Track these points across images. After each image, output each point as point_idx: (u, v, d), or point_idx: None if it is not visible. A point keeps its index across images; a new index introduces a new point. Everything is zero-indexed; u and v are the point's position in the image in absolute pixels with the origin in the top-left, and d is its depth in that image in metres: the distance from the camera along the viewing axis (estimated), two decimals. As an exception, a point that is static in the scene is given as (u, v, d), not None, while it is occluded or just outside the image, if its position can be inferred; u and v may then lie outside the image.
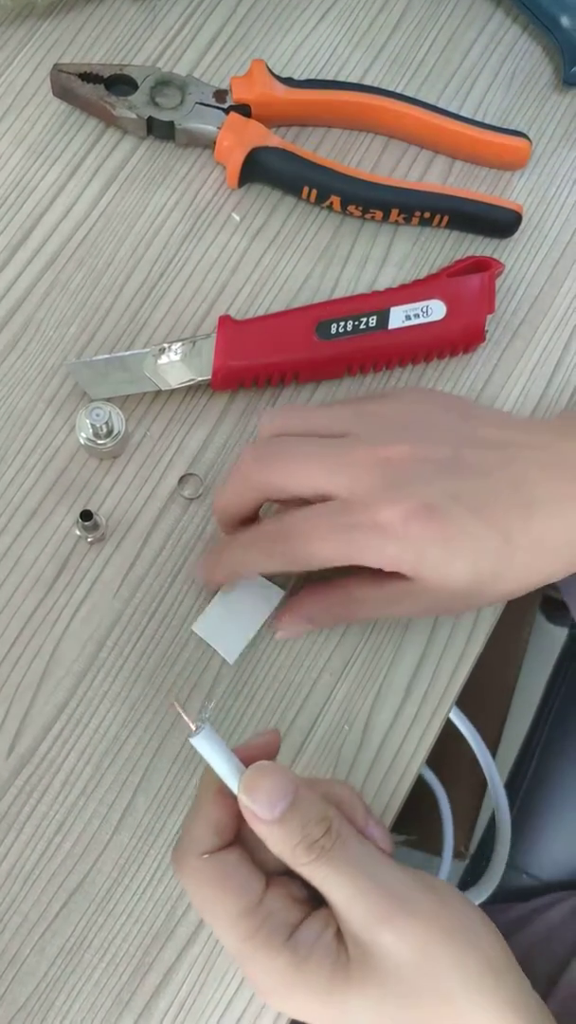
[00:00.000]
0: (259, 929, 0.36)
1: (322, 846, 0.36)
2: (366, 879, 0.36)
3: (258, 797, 0.37)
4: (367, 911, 0.36)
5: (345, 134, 0.58)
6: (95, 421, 0.48)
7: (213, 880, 0.37)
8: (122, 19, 0.59)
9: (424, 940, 0.36)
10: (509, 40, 0.61)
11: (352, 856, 0.37)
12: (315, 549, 0.42)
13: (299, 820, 0.37)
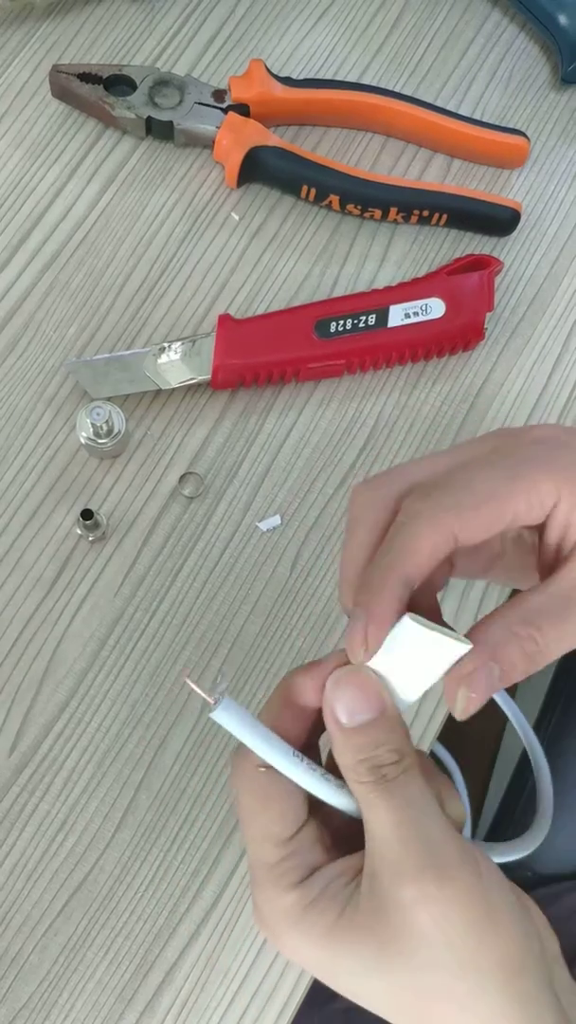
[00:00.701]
0: (281, 862, 0.34)
1: (384, 774, 0.33)
2: (412, 827, 0.33)
3: (342, 697, 0.34)
4: (400, 860, 0.33)
5: (344, 133, 0.58)
6: (95, 420, 0.48)
7: (258, 794, 0.35)
8: (121, 19, 0.59)
9: (443, 912, 0.33)
10: (507, 39, 0.61)
11: (410, 798, 0.34)
12: (482, 485, 0.35)
13: (374, 739, 0.34)
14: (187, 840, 0.47)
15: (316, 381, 0.53)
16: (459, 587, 0.51)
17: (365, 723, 0.34)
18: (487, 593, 0.51)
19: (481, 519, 0.35)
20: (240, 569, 0.50)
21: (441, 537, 0.35)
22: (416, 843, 0.33)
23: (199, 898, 0.46)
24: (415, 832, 0.33)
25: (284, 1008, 0.45)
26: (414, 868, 0.33)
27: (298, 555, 0.51)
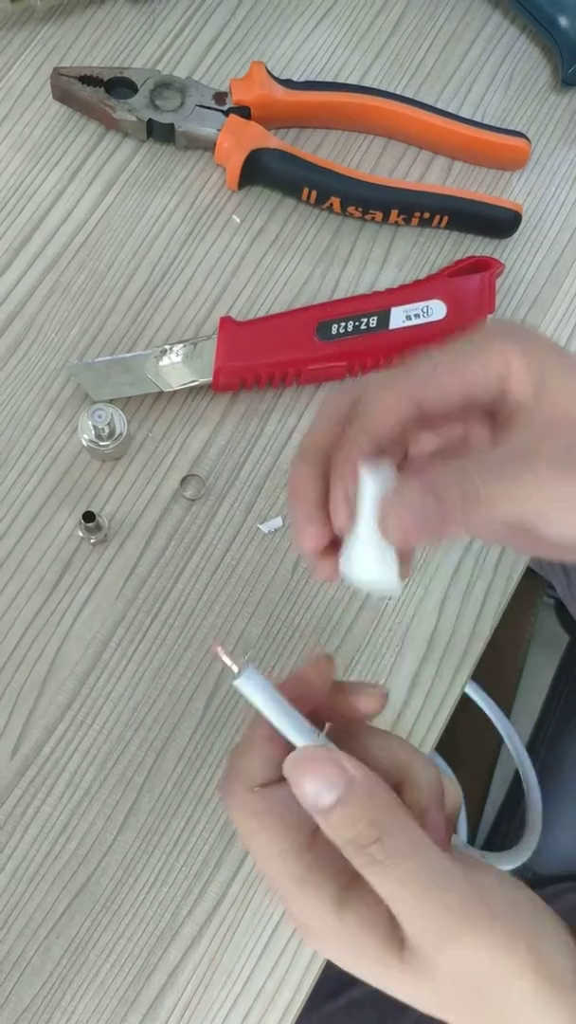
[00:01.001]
0: (307, 873, 0.33)
1: (371, 855, 0.32)
2: (425, 897, 0.32)
3: (301, 782, 0.33)
4: (427, 929, 0.32)
5: (345, 135, 0.58)
6: (97, 423, 0.48)
7: (261, 814, 0.34)
8: (121, 22, 0.59)
9: (488, 956, 0.32)
10: (507, 41, 0.61)
11: (409, 870, 0.32)
12: (425, 361, 0.36)
13: (346, 818, 0.33)
14: (189, 842, 0.47)
15: (317, 383, 0.53)
16: (461, 588, 0.51)
17: (333, 804, 0.33)
18: (491, 588, 0.51)
19: (439, 383, 0.36)
20: (242, 571, 0.50)
21: (402, 399, 0.36)
22: (437, 911, 0.32)
23: (201, 900, 0.46)
24: (431, 902, 0.32)
25: (287, 1010, 0.45)
26: (447, 932, 0.32)
27: (299, 558, 0.51)
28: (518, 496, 0.34)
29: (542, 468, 0.34)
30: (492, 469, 0.34)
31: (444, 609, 0.51)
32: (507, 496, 0.34)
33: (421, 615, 0.51)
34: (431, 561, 0.51)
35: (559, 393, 0.36)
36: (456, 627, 0.51)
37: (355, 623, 0.50)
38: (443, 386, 0.36)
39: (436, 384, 0.36)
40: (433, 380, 0.36)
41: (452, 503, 0.34)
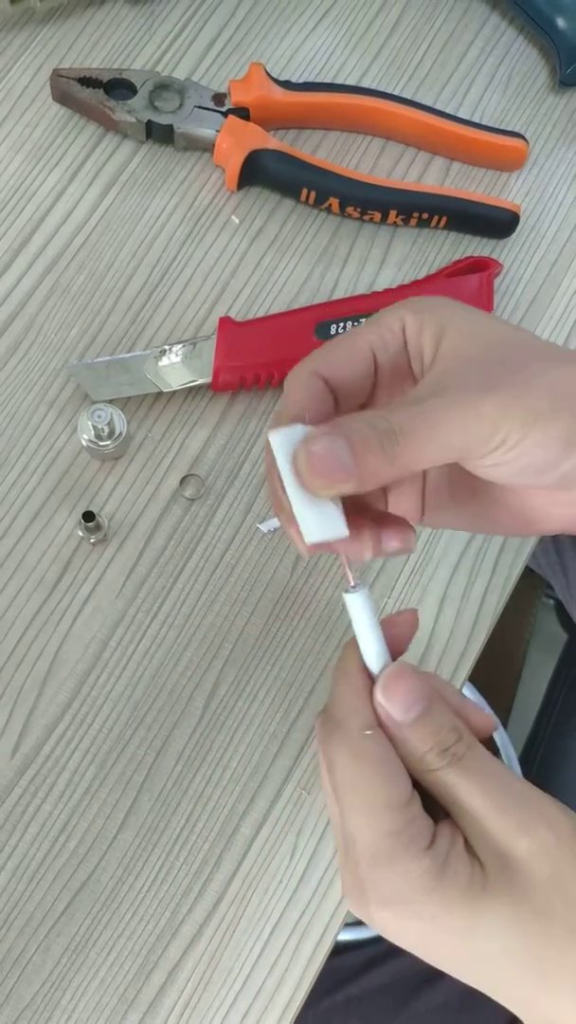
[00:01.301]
0: (406, 827, 0.35)
1: (454, 753, 0.35)
2: (500, 788, 0.35)
3: (394, 698, 0.35)
4: (504, 819, 0.34)
5: (343, 136, 0.58)
6: (97, 423, 0.48)
7: (372, 760, 0.35)
8: (120, 24, 0.59)
9: (560, 851, 0.34)
10: (505, 42, 0.62)
11: (484, 764, 0.35)
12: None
13: (433, 725, 0.35)
14: (189, 841, 0.47)
15: (316, 383, 0.53)
16: (460, 588, 0.51)
17: (421, 714, 0.35)
18: (489, 587, 0.52)
19: (336, 352, 0.38)
20: (241, 570, 0.50)
21: (306, 376, 0.37)
22: (510, 801, 0.35)
23: (201, 898, 0.46)
24: (505, 792, 0.35)
25: (287, 1008, 0.45)
26: (521, 822, 0.34)
27: (299, 556, 0.51)
28: (437, 424, 0.34)
29: (452, 394, 0.34)
30: (405, 408, 0.35)
31: (443, 609, 0.51)
32: (426, 426, 0.34)
33: (420, 615, 0.51)
34: (430, 561, 0.52)
35: (459, 335, 0.36)
36: (455, 627, 0.51)
37: (354, 622, 0.50)
38: (341, 355, 0.38)
39: (334, 354, 0.38)
40: (332, 351, 0.38)
41: (367, 442, 0.34)
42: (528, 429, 0.34)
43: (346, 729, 0.36)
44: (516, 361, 0.36)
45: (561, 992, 0.34)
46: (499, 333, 0.37)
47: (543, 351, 0.37)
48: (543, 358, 0.36)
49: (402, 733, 0.35)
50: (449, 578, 0.51)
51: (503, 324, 0.38)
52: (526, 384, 0.35)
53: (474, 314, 0.38)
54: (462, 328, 0.37)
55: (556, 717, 0.86)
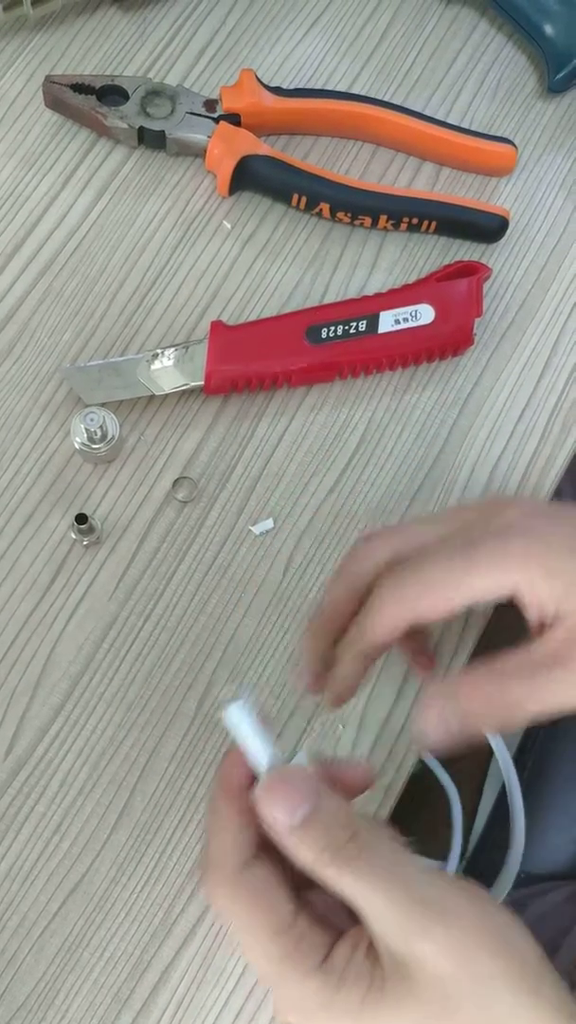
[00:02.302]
0: (294, 950, 0.34)
1: (348, 854, 0.34)
2: (398, 888, 0.34)
3: (276, 805, 0.35)
4: (402, 923, 0.33)
5: (334, 142, 0.59)
6: (89, 426, 0.49)
7: (245, 898, 0.35)
8: (113, 31, 0.60)
9: (462, 949, 0.33)
10: (494, 49, 0.62)
11: (381, 864, 0.34)
12: (435, 573, 0.39)
13: (322, 826, 0.34)
14: (182, 841, 0.47)
15: (308, 386, 0.54)
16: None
17: (308, 815, 0.34)
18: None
19: (436, 600, 0.39)
20: (233, 573, 0.51)
21: (404, 614, 0.40)
22: (409, 902, 0.33)
23: (194, 898, 0.46)
24: (403, 893, 0.34)
25: (279, 1007, 0.45)
26: (419, 925, 0.33)
27: (291, 558, 0.51)
28: (550, 699, 0.38)
29: (572, 668, 0.38)
30: (516, 673, 0.38)
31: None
32: (532, 698, 0.38)
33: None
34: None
35: (570, 630, 0.38)
36: (446, 627, 0.51)
37: (346, 623, 0.51)
38: (447, 601, 0.39)
39: (440, 600, 0.39)
40: (437, 596, 0.39)
41: (477, 712, 0.38)
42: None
43: (217, 872, 0.36)
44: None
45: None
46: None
47: None
48: None
49: (290, 840, 0.34)
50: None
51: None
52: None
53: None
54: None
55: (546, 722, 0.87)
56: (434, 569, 0.39)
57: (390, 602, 0.40)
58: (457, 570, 0.39)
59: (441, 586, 0.39)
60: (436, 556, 0.40)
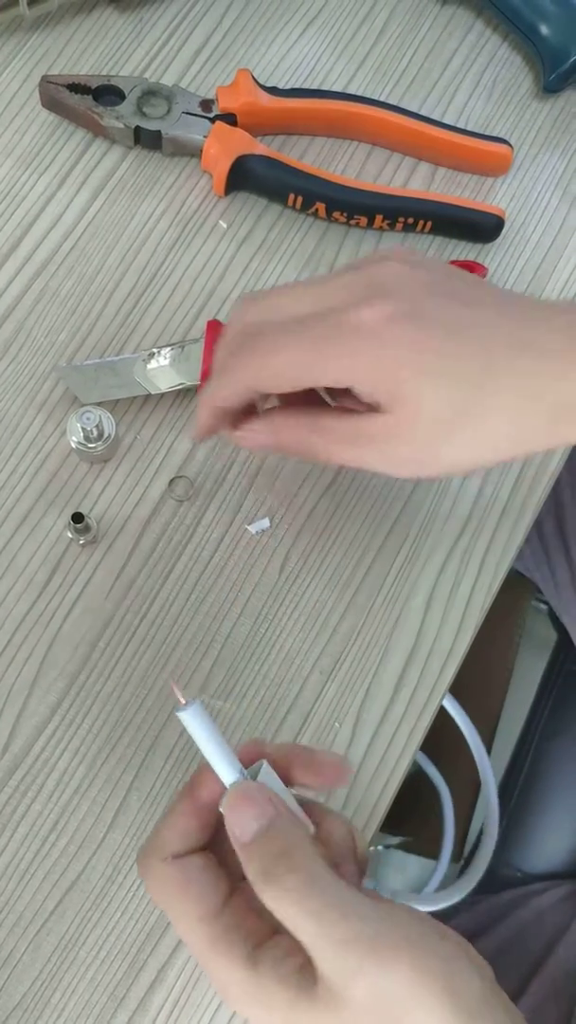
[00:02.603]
0: (219, 938, 0.35)
1: (283, 884, 0.34)
2: (336, 924, 0.33)
3: (235, 816, 0.36)
4: (335, 958, 0.33)
5: (329, 142, 0.59)
6: (86, 425, 0.49)
7: (173, 883, 0.37)
8: (109, 31, 0.60)
9: (395, 990, 0.33)
10: (490, 49, 0.62)
11: (320, 899, 0.34)
12: (282, 360, 0.41)
13: (266, 849, 0.35)
14: (178, 839, 0.47)
15: (304, 386, 0.54)
16: (447, 587, 0.52)
17: (257, 834, 0.35)
18: (476, 585, 0.52)
19: (280, 383, 0.41)
20: (229, 571, 0.51)
21: (242, 391, 0.42)
22: (344, 939, 0.33)
23: (190, 897, 0.46)
24: (339, 929, 0.33)
25: (275, 1005, 0.45)
26: (354, 963, 0.33)
27: (287, 557, 0.51)
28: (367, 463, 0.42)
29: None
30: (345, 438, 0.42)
31: (430, 607, 0.52)
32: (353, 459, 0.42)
33: (407, 614, 0.51)
34: (416, 561, 0.52)
35: (413, 402, 0.40)
36: (442, 625, 0.51)
37: (342, 623, 0.51)
38: (291, 383, 0.41)
39: (283, 383, 0.41)
40: (281, 381, 0.41)
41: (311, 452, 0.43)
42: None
43: (150, 859, 0.38)
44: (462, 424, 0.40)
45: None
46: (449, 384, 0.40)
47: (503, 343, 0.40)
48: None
49: (243, 852, 0.36)
50: (436, 577, 0.52)
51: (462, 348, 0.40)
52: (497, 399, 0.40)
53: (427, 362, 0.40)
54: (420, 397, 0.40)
55: (546, 721, 0.87)
56: (283, 356, 0.41)
57: (237, 377, 0.42)
58: (304, 364, 0.40)
59: (286, 374, 0.41)
60: (287, 342, 0.41)
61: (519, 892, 0.72)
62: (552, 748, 0.85)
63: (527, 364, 0.40)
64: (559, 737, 0.85)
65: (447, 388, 0.39)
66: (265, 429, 0.44)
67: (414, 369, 0.39)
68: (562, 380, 0.39)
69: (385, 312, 0.39)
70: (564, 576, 0.78)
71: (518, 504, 0.53)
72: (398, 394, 0.39)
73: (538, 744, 0.86)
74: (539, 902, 0.70)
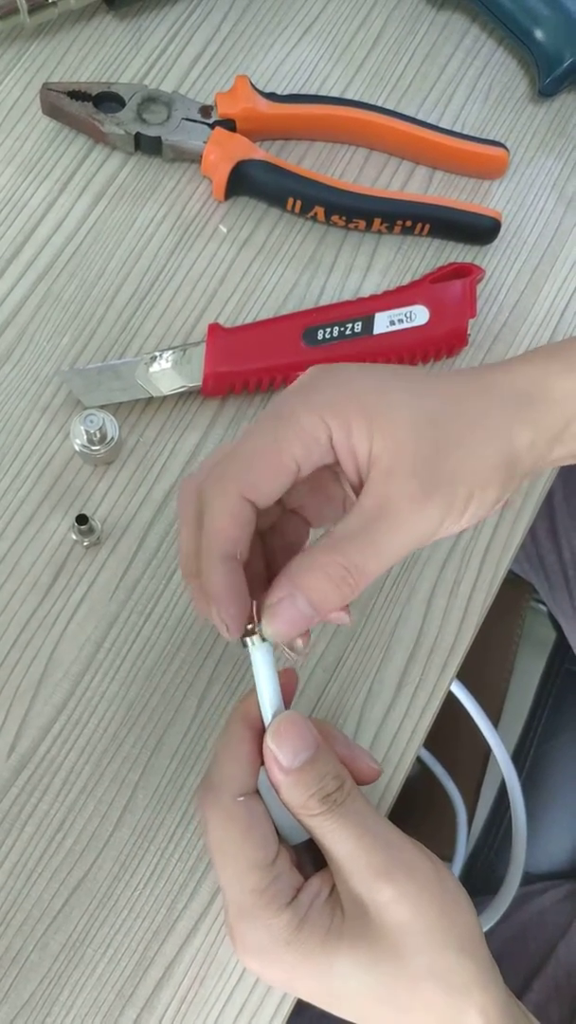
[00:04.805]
0: (269, 886, 0.37)
1: (334, 799, 0.37)
2: (370, 835, 0.37)
3: (283, 744, 0.38)
4: (369, 864, 0.37)
5: (328, 147, 0.60)
6: (89, 428, 0.49)
7: (241, 824, 0.38)
8: (108, 39, 0.61)
9: (418, 901, 0.37)
10: (486, 53, 0.63)
11: (359, 812, 0.38)
12: (253, 440, 0.38)
13: (317, 772, 0.38)
14: (184, 838, 0.47)
15: (304, 387, 0.54)
16: (448, 586, 0.52)
17: (306, 761, 0.38)
18: (477, 585, 0.53)
19: (261, 475, 0.37)
20: (233, 572, 0.51)
21: (234, 507, 0.37)
22: (378, 848, 0.37)
23: (196, 894, 0.47)
24: (374, 840, 0.37)
25: (282, 1001, 0.46)
26: (384, 869, 0.37)
27: (289, 557, 0.52)
28: (387, 550, 0.37)
29: (395, 510, 0.37)
30: (351, 539, 0.37)
31: (431, 606, 0.52)
32: (374, 558, 0.37)
33: (408, 613, 0.52)
34: (417, 560, 0.52)
35: (388, 430, 0.38)
36: (443, 624, 0.52)
37: (344, 621, 0.51)
38: (268, 478, 0.38)
39: (258, 473, 0.37)
40: (254, 468, 0.37)
41: (325, 592, 0.37)
42: (461, 520, 0.38)
43: (220, 795, 0.39)
44: (444, 453, 0.38)
45: (416, 1020, 0.38)
46: (423, 411, 0.38)
47: (469, 418, 0.39)
48: (468, 441, 0.39)
49: (288, 778, 0.38)
50: (437, 576, 0.52)
51: (423, 391, 0.39)
52: (459, 483, 0.38)
53: (393, 393, 0.39)
54: (389, 421, 0.38)
55: (545, 721, 0.87)
56: (247, 444, 0.38)
57: (218, 490, 0.38)
58: (269, 435, 0.38)
59: (260, 457, 0.38)
60: (248, 435, 0.39)
61: (519, 892, 0.73)
62: (552, 748, 0.85)
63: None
64: (559, 737, 0.85)
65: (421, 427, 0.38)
66: (286, 590, 0.37)
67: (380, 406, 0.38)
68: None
69: (324, 367, 0.40)
70: (558, 579, 0.78)
71: (517, 502, 0.54)
72: (366, 431, 0.38)
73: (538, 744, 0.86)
74: (540, 901, 0.71)
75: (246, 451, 0.38)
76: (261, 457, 0.38)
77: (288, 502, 0.42)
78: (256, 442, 0.38)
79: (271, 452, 0.37)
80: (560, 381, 0.40)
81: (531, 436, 0.40)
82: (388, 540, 0.37)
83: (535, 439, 0.40)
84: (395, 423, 0.37)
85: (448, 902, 0.38)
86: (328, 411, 0.37)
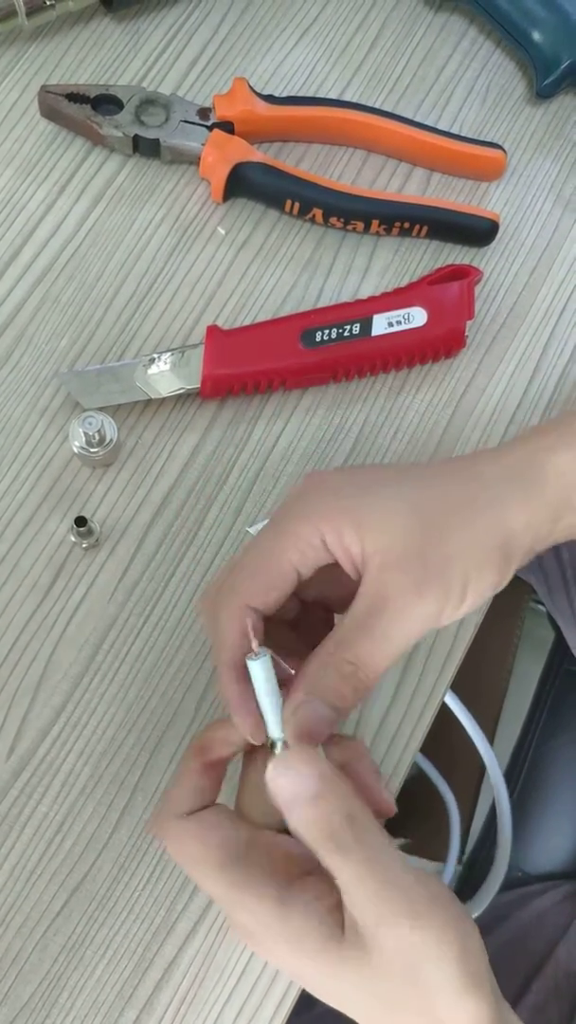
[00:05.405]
0: (242, 881, 0.37)
1: (342, 841, 0.36)
2: (379, 881, 0.35)
3: (284, 782, 0.36)
4: (377, 911, 0.35)
5: (326, 149, 0.60)
6: (88, 430, 0.49)
7: (191, 836, 0.38)
8: (106, 41, 0.61)
9: (422, 950, 0.35)
10: (483, 55, 0.63)
11: (372, 851, 0.36)
12: (245, 562, 0.41)
13: (324, 810, 0.36)
14: (183, 839, 0.47)
15: (303, 389, 0.55)
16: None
17: (315, 798, 0.36)
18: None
19: (263, 583, 0.40)
20: (231, 573, 0.51)
21: (240, 618, 0.39)
22: (387, 895, 0.35)
23: (196, 896, 0.47)
24: (383, 886, 0.35)
25: (281, 1001, 0.46)
26: (392, 917, 0.35)
27: (288, 559, 0.52)
28: (391, 642, 0.39)
29: (393, 605, 0.38)
30: (356, 634, 0.39)
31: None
32: (379, 651, 0.39)
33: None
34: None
35: (378, 529, 0.39)
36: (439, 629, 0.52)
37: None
38: (269, 587, 0.40)
39: (261, 581, 0.40)
40: (256, 577, 0.40)
41: (340, 690, 0.39)
42: (462, 606, 0.39)
43: (168, 811, 0.39)
44: (435, 543, 0.39)
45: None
46: (411, 506, 0.40)
47: (458, 506, 0.40)
48: (458, 527, 0.39)
49: (292, 816, 0.36)
50: (435, 578, 0.52)
51: (411, 486, 0.41)
52: (453, 571, 0.39)
53: (380, 493, 0.40)
54: (376, 522, 0.39)
55: (544, 723, 0.87)
56: (248, 556, 0.41)
57: (223, 603, 0.40)
58: (267, 545, 0.40)
59: (260, 567, 0.40)
60: (250, 547, 0.41)
61: (519, 893, 0.73)
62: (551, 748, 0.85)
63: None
64: (558, 737, 0.85)
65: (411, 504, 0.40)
66: (302, 687, 0.39)
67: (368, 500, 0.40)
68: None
69: (314, 477, 0.42)
70: (556, 580, 0.79)
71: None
72: (355, 528, 0.39)
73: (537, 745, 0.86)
74: (539, 903, 0.71)
75: (248, 563, 0.41)
76: (261, 567, 0.40)
77: (306, 595, 0.43)
78: (256, 553, 0.41)
79: (270, 562, 0.40)
80: (552, 457, 0.41)
81: (526, 516, 0.40)
82: (389, 632, 0.39)
83: (530, 519, 0.40)
84: (383, 523, 0.39)
85: (454, 948, 0.35)
86: (319, 519, 0.39)
